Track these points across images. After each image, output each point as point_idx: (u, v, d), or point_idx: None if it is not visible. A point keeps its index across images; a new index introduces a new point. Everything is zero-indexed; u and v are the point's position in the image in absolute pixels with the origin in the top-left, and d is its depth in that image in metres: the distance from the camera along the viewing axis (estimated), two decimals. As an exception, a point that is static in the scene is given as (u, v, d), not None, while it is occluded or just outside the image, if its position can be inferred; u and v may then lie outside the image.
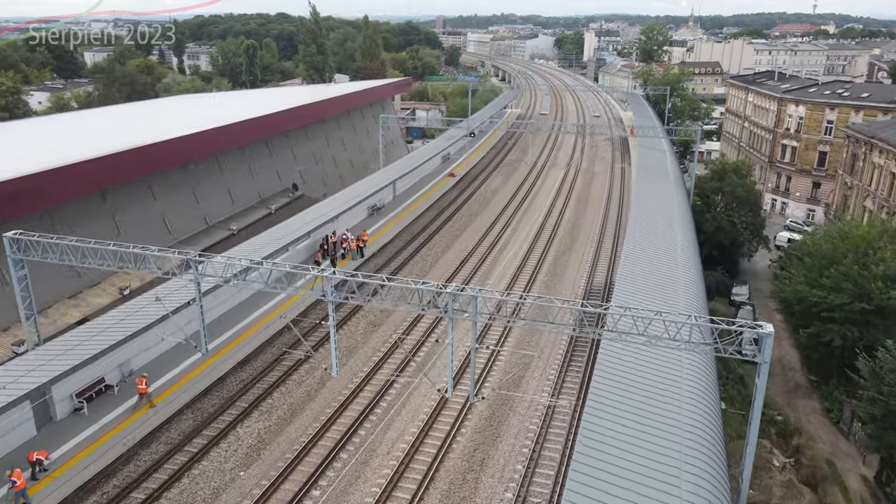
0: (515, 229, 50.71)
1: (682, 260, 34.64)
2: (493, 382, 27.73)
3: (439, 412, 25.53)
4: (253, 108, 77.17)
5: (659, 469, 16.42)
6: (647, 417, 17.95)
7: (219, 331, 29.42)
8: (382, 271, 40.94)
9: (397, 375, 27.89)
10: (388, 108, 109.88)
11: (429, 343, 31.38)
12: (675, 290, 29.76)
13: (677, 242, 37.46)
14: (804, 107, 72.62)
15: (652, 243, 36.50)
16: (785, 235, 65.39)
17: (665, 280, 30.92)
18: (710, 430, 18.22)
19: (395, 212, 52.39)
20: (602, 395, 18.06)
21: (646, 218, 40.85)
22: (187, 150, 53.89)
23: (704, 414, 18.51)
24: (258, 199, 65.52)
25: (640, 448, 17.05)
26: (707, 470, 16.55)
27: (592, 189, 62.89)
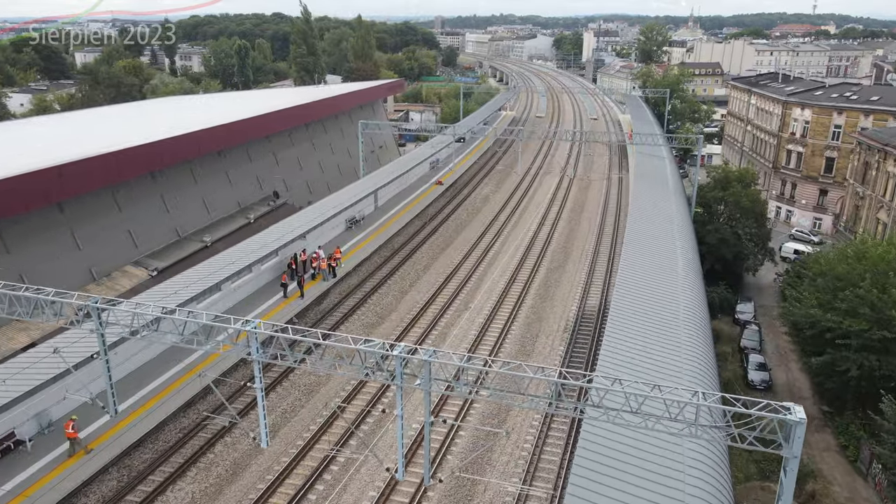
0: (505, 242, 47.29)
1: (682, 280, 31.35)
2: (451, 463, 23.13)
3: (388, 497, 21.30)
4: (236, 111, 73.93)
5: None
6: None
7: (129, 390, 24.99)
8: (356, 292, 37.55)
9: (338, 449, 23.36)
10: (379, 110, 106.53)
11: (376, 412, 26.40)
12: (675, 317, 26.46)
13: (678, 260, 34.15)
14: (810, 110, 69.27)
15: (650, 260, 33.21)
16: (791, 247, 62.03)
17: (665, 304, 27.69)
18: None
19: (376, 224, 48.99)
20: (586, 483, 14.46)
21: (643, 233, 37.48)
22: (157, 156, 50.51)
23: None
24: (237, 207, 62.20)
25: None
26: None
27: (588, 197, 59.48)
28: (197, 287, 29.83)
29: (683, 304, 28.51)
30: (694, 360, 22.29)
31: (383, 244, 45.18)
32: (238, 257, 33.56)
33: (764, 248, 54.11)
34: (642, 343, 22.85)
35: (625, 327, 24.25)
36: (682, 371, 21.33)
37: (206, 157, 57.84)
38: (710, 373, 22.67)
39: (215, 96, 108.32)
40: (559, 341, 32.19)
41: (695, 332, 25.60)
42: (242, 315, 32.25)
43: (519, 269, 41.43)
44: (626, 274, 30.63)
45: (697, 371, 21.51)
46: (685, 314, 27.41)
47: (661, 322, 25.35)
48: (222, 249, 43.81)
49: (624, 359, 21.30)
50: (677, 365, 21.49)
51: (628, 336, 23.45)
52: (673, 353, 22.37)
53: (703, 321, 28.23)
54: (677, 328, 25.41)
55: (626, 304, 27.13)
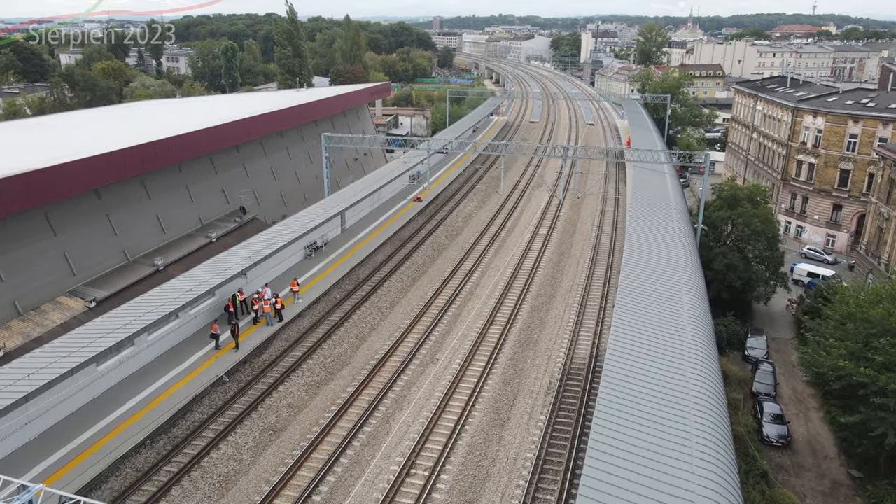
0: (485, 272, 41.78)
1: (688, 320, 26.28)
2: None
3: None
4: (206, 117, 68.75)
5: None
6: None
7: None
8: (306, 339, 32.04)
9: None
10: (365, 115, 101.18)
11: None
12: (680, 368, 21.79)
13: (682, 295, 28.87)
14: (823, 118, 63.86)
15: (650, 296, 28.05)
16: (804, 268, 56.62)
17: (668, 352, 23.11)
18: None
19: (341, 250, 43.47)
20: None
21: (642, 264, 32.11)
22: (101, 171, 45.18)
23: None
24: (198, 224, 56.79)
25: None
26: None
27: (581, 216, 53.98)
28: (103, 342, 24.47)
29: (689, 351, 23.70)
30: (704, 417, 19.26)
31: (346, 275, 39.66)
32: (163, 300, 28.09)
33: (776, 274, 48.68)
34: (643, 402, 19.63)
35: (621, 386, 20.32)
36: (690, 434, 18.12)
37: (163, 170, 52.48)
38: (723, 431, 19.11)
39: (191, 100, 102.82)
40: (541, 406, 26.70)
41: (704, 382, 21.43)
42: (158, 374, 27.42)
43: (499, 307, 35.90)
44: (623, 314, 25.68)
45: (708, 432, 18.47)
46: (692, 362, 22.62)
47: (665, 373, 21.50)
48: (177, 273, 38.74)
49: (621, 425, 18.22)
50: (685, 427, 18.54)
51: (625, 396, 19.76)
52: (679, 411, 19.39)
53: (712, 366, 23.41)
54: (684, 379, 21.35)
55: (622, 355, 22.49)
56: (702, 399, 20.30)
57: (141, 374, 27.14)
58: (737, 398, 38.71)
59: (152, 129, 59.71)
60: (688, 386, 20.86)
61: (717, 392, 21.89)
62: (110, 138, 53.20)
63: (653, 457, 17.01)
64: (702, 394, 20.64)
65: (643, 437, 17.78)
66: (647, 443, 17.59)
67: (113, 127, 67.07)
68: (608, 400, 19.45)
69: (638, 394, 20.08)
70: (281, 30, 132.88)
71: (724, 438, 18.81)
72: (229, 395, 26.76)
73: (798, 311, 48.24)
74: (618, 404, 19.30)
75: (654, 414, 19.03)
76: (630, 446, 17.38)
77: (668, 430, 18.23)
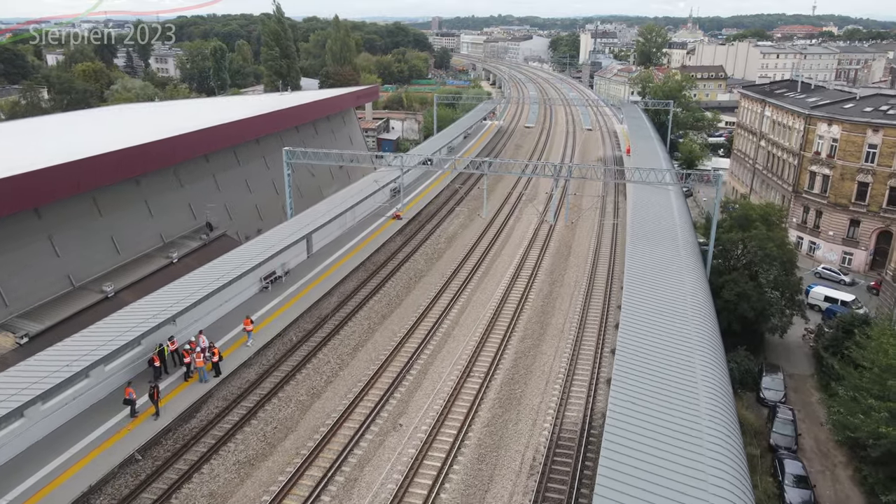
0: (467, 305, 36.84)
1: (700, 368, 22.19)
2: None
3: None
4: (181, 122, 64.24)
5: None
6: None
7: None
8: (246, 399, 27.05)
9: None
10: (351, 120, 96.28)
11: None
12: (695, 430, 18.69)
13: (691, 337, 24.40)
14: (839, 126, 58.90)
15: (655, 340, 23.69)
16: (821, 292, 51.61)
17: (679, 410, 19.71)
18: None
19: (305, 279, 38.50)
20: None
21: (645, 296, 27.41)
22: (43, 187, 40.35)
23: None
24: (158, 243, 51.83)
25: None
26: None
27: (576, 236, 48.99)
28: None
29: (705, 406, 20.09)
30: (722, 486, 16.54)
31: (307, 311, 34.71)
32: (71, 356, 23.14)
33: (793, 302, 43.68)
34: (649, 472, 16.75)
35: (624, 455, 17.21)
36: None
37: (119, 184, 47.71)
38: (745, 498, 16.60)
39: (166, 105, 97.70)
40: (521, 493, 21.76)
41: (721, 443, 18.35)
42: (50, 453, 21.69)
43: (478, 354, 30.92)
44: (625, 364, 21.83)
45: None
46: (709, 421, 19.25)
47: (676, 440, 18.33)
48: (130, 299, 34.02)
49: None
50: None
51: (630, 466, 16.83)
52: (695, 479, 16.68)
53: (729, 423, 19.92)
54: (699, 441, 18.11)
55: (623, 421, 18.73)
56: (721, 466, 17.33)
57: (28, 455, 22.14)
58: (753, 453, 33.77)
59: (111, 138, 54.88)
60: (703, 453, 17.60)
61: (737, 453, 18.74)
62: (59, 149, 48.31)
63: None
64: (720, 456, 17.75)
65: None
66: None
67: (67, 135, 62.00)
68: (610, 467, 16.78)
69: (645, 459, 17.20)
70: (268, 30, 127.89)
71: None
72: (140, 480, 21.80)
73: (818, 343, 43.27)
74: (621, 475, 16.44)
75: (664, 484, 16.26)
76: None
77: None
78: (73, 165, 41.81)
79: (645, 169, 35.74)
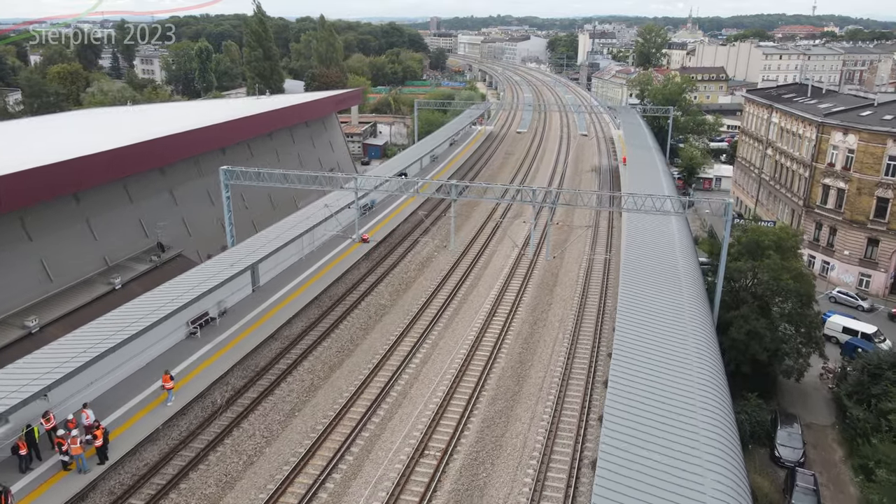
0: (432, 352, 31.40)
1: (704, 433, 17.65)
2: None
3: None
4: (140, 130, 59.24)
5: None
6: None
7: None
8: (140, 490, 21.56)
9: None
10: (332, 125, 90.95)
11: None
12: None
13: (695, 400, 19.51)
14: (856, 136, 53.52)
15: (650, 400, 19.27)
16: (838, 322, 46.21)
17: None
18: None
19: (243, 321, 32.99)
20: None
21: (639, 349, 22.24)
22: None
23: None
24: (102, 267, 46.54)
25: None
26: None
27: (564, 264, 43.46)
28: None
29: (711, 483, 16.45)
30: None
31: (241, 361, 29.25)
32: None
33: (810, 339, 38.22)
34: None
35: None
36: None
37: (53, 201, 42.48)
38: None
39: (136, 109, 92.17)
40: None
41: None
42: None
43: (436, 423, 25.45)
44: (612, 445, 16.57)
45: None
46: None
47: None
48: (60, 333, 28.86)
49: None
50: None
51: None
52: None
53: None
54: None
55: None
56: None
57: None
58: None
59: (51, 148, 49.58)
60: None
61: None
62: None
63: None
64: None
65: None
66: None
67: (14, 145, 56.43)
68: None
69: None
70: (249, 30, 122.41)
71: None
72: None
73: (839, 388, 37.81)
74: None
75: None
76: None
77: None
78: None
79: (642, 195, 30.21)
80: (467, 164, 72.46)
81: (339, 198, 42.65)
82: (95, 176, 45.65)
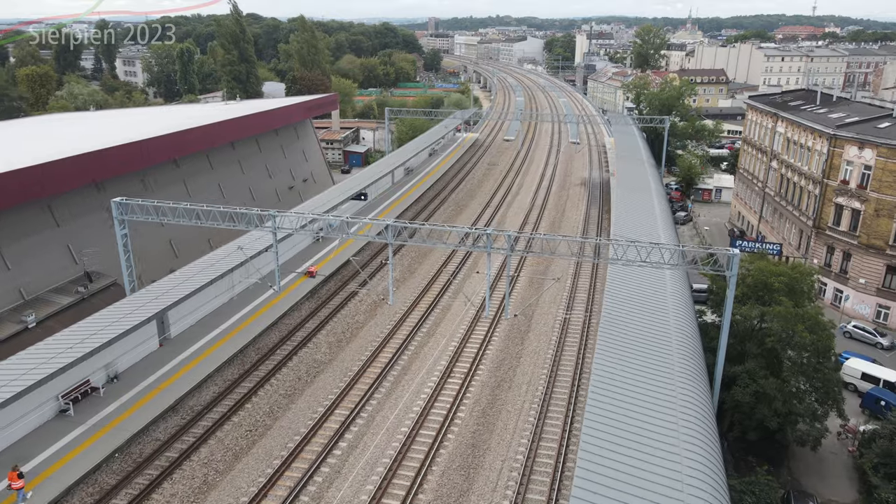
0: (365, 431, 25.40)
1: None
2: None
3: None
4: (87, 140, 53.74)
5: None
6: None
7: None
8: None
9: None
10: (307, 133, 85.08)
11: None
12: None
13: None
14: (873, 150, 47.59)
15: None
16: (857, 367, 40.19)
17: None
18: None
19: (139, 388, 26.94)
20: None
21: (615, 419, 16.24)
22: None
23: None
24: (17, 300, 40.80)
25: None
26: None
27: (537, 315, 37.40)
28: None
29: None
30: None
31: (122, 447, 23.25)
32: None
33: (829, 397, 32.19)
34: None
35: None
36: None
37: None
38: None
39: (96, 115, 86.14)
40: None
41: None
42: None
43: None
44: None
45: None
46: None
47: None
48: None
49: None
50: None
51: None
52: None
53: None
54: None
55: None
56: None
57: None
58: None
59: None
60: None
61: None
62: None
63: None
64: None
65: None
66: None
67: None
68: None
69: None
70: (224, 31, 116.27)
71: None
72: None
73: (865, 457, 31.76)
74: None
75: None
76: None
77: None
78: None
79: (625, 242, 24.16)
80: (445, 178, 66.43)
81: (241, 247, 35.36)
82: (12, 195, 40.00)
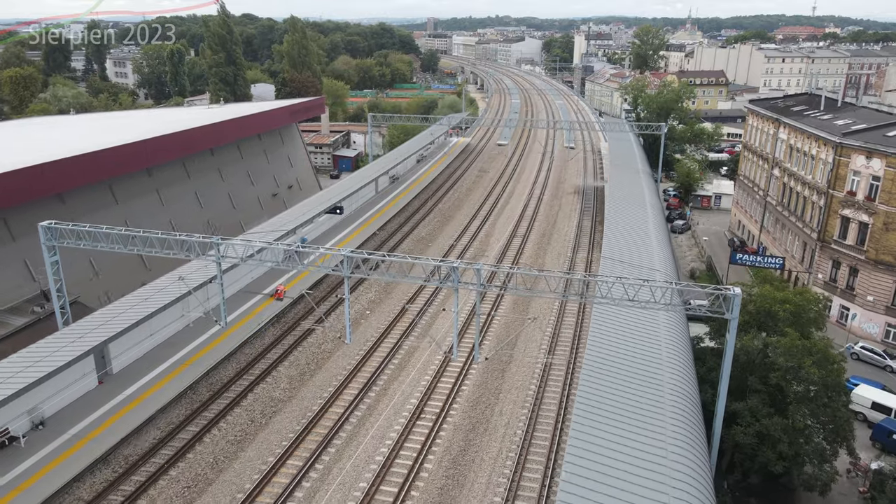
0: (321, 484, 22.54)
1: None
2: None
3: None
4: (60, 145, 51.19)
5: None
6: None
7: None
8: None
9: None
10: (292, 137, 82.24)
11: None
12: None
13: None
14: (882, 160, 44.74)
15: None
16: (867, 395, 37.35)
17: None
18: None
19: (68, 435, 24.04)
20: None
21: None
22: None
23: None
24: (-35, 324, 37.78)
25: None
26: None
27: (518, 352, 34.55)
28: None
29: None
30: None
31: (52, 500, 20.40)
32: None
33: (838, 437, 29.32)
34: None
35: None
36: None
37: None
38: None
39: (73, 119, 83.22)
40: None
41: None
42: None
43: None
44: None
45: None
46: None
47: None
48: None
49: None
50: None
51: None
52: None
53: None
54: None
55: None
56: None
57: None
58: None
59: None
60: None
61: None
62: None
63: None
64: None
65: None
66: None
67: None
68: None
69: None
70: (212, 33, 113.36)
71: None
72: None
73: (878, 500, 28.92)
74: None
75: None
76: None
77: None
78: None
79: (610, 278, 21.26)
80: (432, 186, 63.55)
81: (181, 276, 32.10)
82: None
